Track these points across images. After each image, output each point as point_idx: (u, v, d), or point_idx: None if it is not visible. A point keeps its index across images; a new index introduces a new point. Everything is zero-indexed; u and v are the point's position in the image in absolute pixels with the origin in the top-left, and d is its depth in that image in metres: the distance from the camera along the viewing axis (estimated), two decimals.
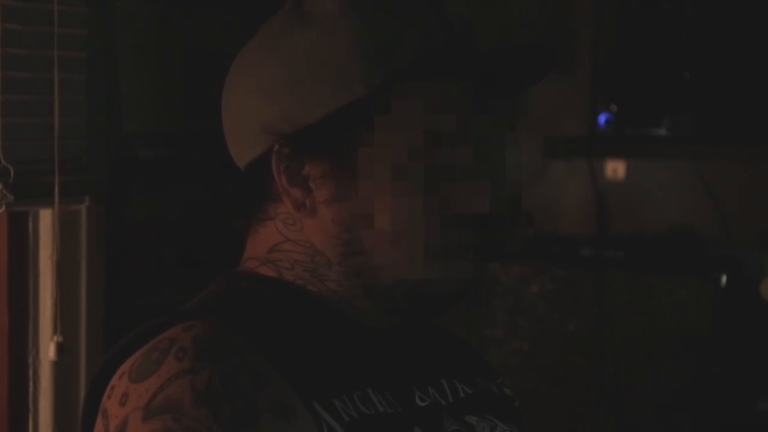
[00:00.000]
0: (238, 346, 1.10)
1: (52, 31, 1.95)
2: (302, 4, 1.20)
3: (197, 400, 1.05)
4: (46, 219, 2.03)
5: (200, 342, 1.09)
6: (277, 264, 1.21)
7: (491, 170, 1.19)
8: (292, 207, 1.18)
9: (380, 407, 1.15)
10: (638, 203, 3.17)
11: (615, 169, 3.18)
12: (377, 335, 1.22)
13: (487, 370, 1.36)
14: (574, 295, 2.89)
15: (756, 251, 2.92)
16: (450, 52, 1.19)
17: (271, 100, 1.18)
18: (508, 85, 1.22)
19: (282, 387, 1.09)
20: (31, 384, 2.05)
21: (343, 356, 1.17)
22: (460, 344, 1.38)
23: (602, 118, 3.01)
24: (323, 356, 1.16)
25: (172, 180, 2.23)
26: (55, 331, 1.99)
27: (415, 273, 1.18)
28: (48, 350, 2.00)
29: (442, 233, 1.17)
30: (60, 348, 1.99)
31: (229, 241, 1.29)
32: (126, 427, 1.06)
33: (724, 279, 2.78)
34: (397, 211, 1.16)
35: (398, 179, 1.16)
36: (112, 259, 2.12)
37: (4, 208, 1.89)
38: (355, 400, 1.13)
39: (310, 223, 1.19)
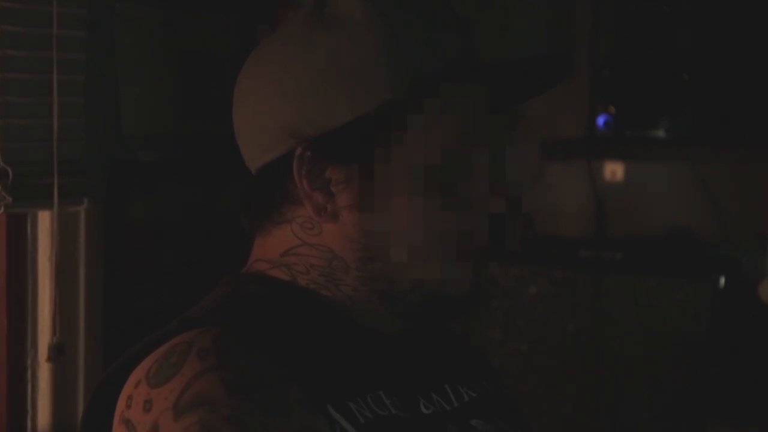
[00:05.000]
0: (257, 348, 1.09)
1: (51, 33, 1.95)
2: (324, 7, 1.19)
3: (230, 390, 1.04)
4: (44, 221, 2.03)
5: (221, 342, 1.08)
6: (292, 267, 1.20)
7: (505, 170, 1.19)
8: (313, 211, 1.17)
9: (393, 410, 1.15)
10: (637, 205, 3.17)
11: (613, 170, 3.18)
12: (386, 341, 1.21)
13: (492, 373, 1.36)
14: (572, 297, 2.89)
15: (754, 253, 2.91)
16: (473, 57, 1.19)
17: (294, 102, 1.17)
18: (525, 89, 1.22)
19: (302, 389, 1.09)
20: (29, 386, 2.05)
21: (353, 361, 1.17)
22: (466, 347, 1.37)
23: (601, 120, 3.01)
24: (335, 361, 1.15)
25: (170, 182, 2.23)
26: (53, 333, 1.99)
27: (434, 275, 1.18)
28: (47, 352, 2.00)
29: (462, 234, 1.17)
30: (59, 350, 1.99)
31: (228, 242, 1.29)
32: (158, 430, 1.05)
33: (722, 280, 2.78)
34: (421, 214, 1.16)
35: (421, 183, 1.16)
36: (110, 261, 2.12)
37: (2, 209, 1.88)
38: (368, 401, 1.13)
39: (329, 228, 1.18)
